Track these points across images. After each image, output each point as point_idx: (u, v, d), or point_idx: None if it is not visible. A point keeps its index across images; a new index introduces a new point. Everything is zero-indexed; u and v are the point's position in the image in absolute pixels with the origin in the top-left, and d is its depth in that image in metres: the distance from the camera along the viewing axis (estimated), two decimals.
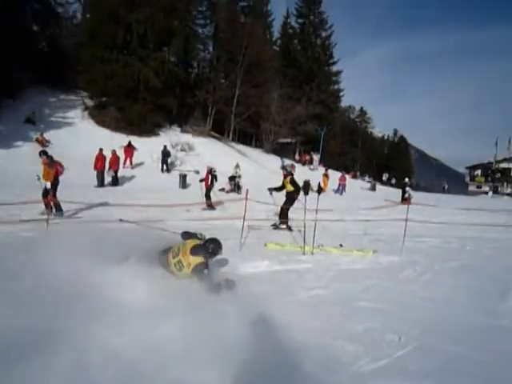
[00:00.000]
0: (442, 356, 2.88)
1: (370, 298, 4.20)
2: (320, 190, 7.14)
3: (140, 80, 24.99)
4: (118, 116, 24.87)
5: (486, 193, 42.40)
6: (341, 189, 25.18)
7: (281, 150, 36.79)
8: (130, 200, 11.53)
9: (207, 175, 13.32)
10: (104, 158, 16.51)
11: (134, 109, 24.96)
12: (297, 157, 38.35)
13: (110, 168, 16.76)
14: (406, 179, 21.92)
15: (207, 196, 12.90)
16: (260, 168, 27.86)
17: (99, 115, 25.15)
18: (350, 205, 16.55)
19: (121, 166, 18.27)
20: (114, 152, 17.49)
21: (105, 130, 24.22)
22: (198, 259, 4.00)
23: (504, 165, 46.87)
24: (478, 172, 48.88)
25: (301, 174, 29.08)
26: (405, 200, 18.57)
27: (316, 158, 38.03)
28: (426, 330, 3.34)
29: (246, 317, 3.43)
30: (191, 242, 4.20)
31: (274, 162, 31.37)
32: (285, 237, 7.90)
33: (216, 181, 13.63)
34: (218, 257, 4.36)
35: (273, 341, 3.10)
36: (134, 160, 20.65)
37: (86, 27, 26.96)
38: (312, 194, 7.15)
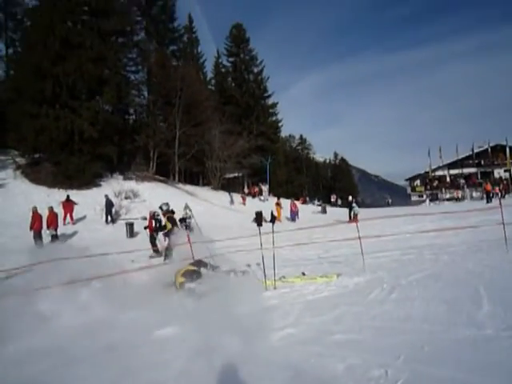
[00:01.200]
0: None
1: (344, 328, 3.83)
2: (273, 219, 6.85)
3: (74, 131, 24.00)
4: (55, 171, 23.56)
5: (430, 200, 44.61)
6: (294, 216, 25.26)
7: (229, 185, 36.70)
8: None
9: (150, 220, 12.78)
10: (40, 216, 15.26)
11: (71, 161, 23.81)
12: (246, 190, 38.33)
13: (48, 227, 15.51)
14: (350, 197, 22.41)
15: (152, 242, 12.26)
16: (210, 206, 27.39)
17: (33, 173, 23.70)
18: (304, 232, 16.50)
19: (60, 223, 17.03)
20: (51, 209, 16.28)
21: (41, 187, 22.76)
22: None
23: (439, 172, 49.92)
24: (417, 182, 51.60)
25: (253, 206, 29.14)
26: (353, 218, 18.85)
27: (265, 188, 38.23)
28: (412, 356, 3.01)
29: (212, 375, 2.97)
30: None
31: (223, 198, 31.05)
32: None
33: (160, 225, 13.03)
34: None
35: None
36: (76, 215, 19.40)
37: (11, 84, 25.83)
38: (266, 224, 6.83)
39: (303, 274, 6.75)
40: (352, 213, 19.60)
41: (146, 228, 13.22)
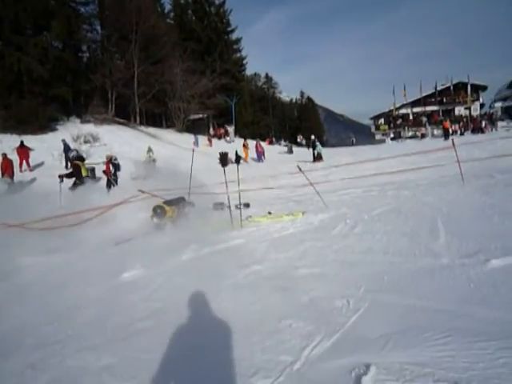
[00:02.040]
0: (398, 312, 2.66)
1: (308, 263, 3.93)
2: (238, 159, 6.76)
3: (22, 71, 22.17)
4: (4, 115, 21.97)
5: (393, 138, 45.58)
6: (260, 156, 25.26)
7: (194, 127, 35.85)
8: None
9: (107, 164, 12.28)
10: None
11: (22, 105, 22.23)
12: (211, 131, 37.63)
13: (3, 175, 14.74)
14: (313, 136, 22.49)
15: (109, 186, 11.87)
16: (175, 148, 26.79)
17: None
18: (271, 169, 16.56)
19: (16, 170, 16.21)
20: (4, 156, 15.44)
21: None
22: None
23: (403, 111, 50.53)
24: (381, 121, 52.23)
25: (219, 148, 28.73)
26: (317, 159, 19.02)
27: (231, 130, 37.66)
28: (372, 286, 3.13)
29: (181, 312, 2.99)
30: None
31: (188, 140, 30.37)
32: (211, 216, 7.43)
33: (119, 170, 12.65)
34: None
35: (213, 333, 2.68)
36: (33, 161, 18.47)
37: None
38: (232, 166, 6.72)
39: (269, 213, 6.81)
40: (315, 152, 19.75)
41: (104, 172, 12.76)
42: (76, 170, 9.11)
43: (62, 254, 5.40)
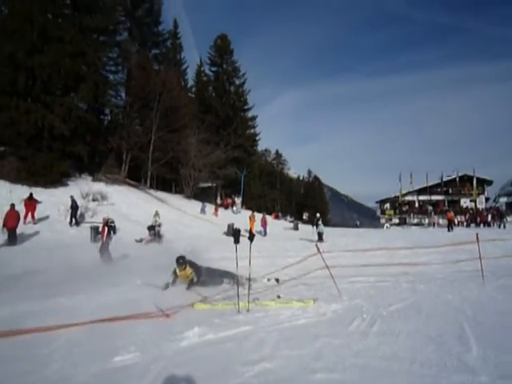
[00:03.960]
0: None
1: (326, 366, 3.47)
2: (252, 237, 6.47)
3: (45, 127, 22.95)
4: (20, 166, 22.31)
5: (398, 224, 45.45)
6: (263, 231, 25.00)
7: (202, 195, 36.13)
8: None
9: (103, 227, 11.88)
10: None
11: (38, 158, 22.65)
12: (218, 201, 37.88)
13: (4, 225, 14.54)
14: (318, 214, 22.41)
15: (102, 251, 11.39)
16: (181, 214, 26.74)
17: None
18: (276, 247, 16.24)
19: (21, 222, 16.04)
20: (12, 206, 15.34)
21: (3, 182, 21.47)
22: None
23: (409, 197, 51.17)
24: (387, 205, 52.66)
25: (225, 217, 28.69)
26: (318, 238, 18.71)
27: (238, 200, 37.92)
28: None
29: None
30: None
31: (195, 207, 30.44)
32: (212, 293, 7.06)
33: (114, 233, 12.26)
34: None
35: None
36: (38, 214, 18.32)
37: None
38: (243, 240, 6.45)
39: (278, 296, 6.42)
40: (317, 231, 19.53)
41: (97, 234, 12.39)
42: None
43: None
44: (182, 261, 7.44)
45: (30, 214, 17.69)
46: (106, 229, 11.65)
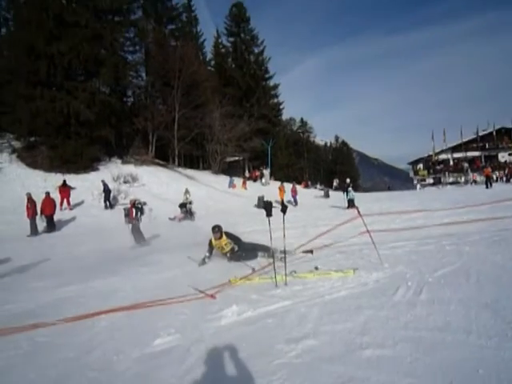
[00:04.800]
0: None
1: (374, 340, 3.25)
2: (285, 208, 6.25)
3: (70, 114, 23.24)
4: (51, 154, 22.89)
5: (433, 184, 43.99)
6: (293, 200, 24.77)
7: (230, 169, 36.09)
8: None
9: (131, 209, 11.97)
10: (34, 202, 14.74)
11: (68, 145, 23.12)
12: (247, 174, 37.76)
13: (41, 213, 14.98)
14: (348, 180, 21.89)
15: (133, 232, 11.48)
16: (211, 190, 26.83)
17: (30, 156, 23.06)
18: (308, 217, 15.97)
19: (57, 208, 16.50)
20: (47, 194, 15.75)
21: (37, 171, 22.16)
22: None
23: (443, 156, 49.22)
24: (420, 166, 50.94)
25: (254, 190, 28.61)
26: (349, 206, 18.23)
27: (266, 172, 37.65)
28: (464, 380, 2.49)
29: None
30: None
31: (224, 182, 30.47)
32: (247, 266, 6.97)
33: (142, 214, 12.36)
34: None
35: None
36: (73, 200, 18.83)
37: (4, 64, 24.92)
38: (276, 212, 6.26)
39: (316, 268, 6.22)
40: (348, 198, 19.07)
41: (126, 216, 12.51)
42: None
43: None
44: (217, 229, 7.52)
45: (65, 200, 18.18)
46: (134, 210, 11.78)
